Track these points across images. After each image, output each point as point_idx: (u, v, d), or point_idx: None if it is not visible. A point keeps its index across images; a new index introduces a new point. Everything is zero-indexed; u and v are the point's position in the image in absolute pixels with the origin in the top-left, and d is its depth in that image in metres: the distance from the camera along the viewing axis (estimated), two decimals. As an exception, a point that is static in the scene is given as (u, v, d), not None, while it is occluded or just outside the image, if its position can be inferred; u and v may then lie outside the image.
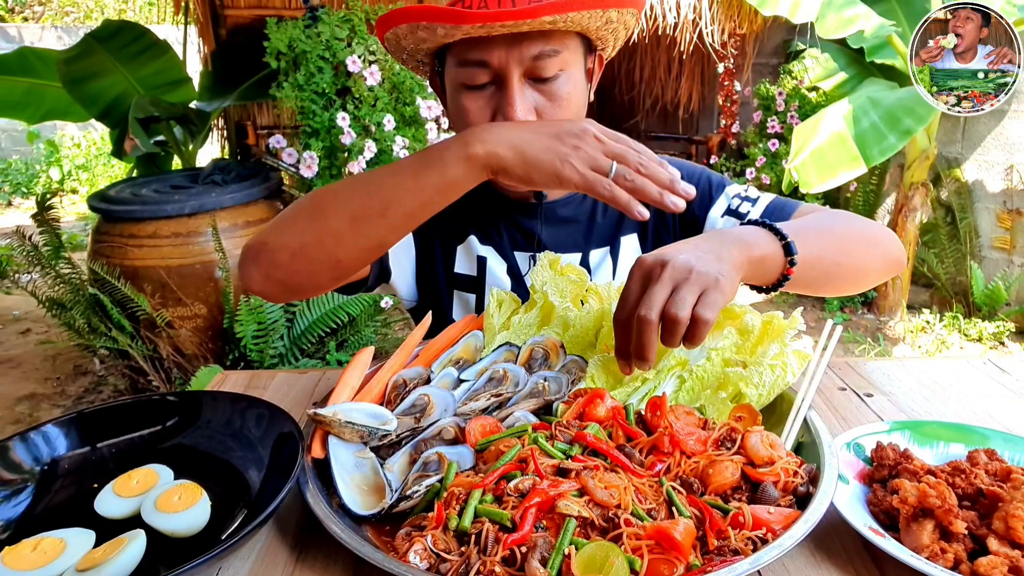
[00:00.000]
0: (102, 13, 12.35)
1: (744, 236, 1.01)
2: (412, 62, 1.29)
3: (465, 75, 1.17)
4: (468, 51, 1.15)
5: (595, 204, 1.43)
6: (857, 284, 1.27)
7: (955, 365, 1.30)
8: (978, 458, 0.89)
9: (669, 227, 1.44)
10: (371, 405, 0.98)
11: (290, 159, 3.98)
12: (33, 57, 4.69)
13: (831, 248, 1.16)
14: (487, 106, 1.19)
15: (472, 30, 1.08)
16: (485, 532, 0.74)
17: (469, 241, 1.43)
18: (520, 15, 1.06)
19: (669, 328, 0.87)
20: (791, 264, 1.03)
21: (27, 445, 0.98)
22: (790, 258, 1.03)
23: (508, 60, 1.14)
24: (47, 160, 9.89)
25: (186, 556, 0.74)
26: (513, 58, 1.14)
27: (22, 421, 4.07)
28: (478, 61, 1.15)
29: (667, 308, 0.87)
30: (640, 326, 0.88)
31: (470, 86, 1.18)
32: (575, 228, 1.41)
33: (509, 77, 1.15)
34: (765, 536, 0.77)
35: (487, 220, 1.43)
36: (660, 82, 7.16)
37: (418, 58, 1.26)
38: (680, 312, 0.86)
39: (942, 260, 5.37)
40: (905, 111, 4.14)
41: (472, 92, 1.19)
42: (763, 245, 1.01)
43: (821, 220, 1.20)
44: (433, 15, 1.08)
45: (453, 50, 1.18)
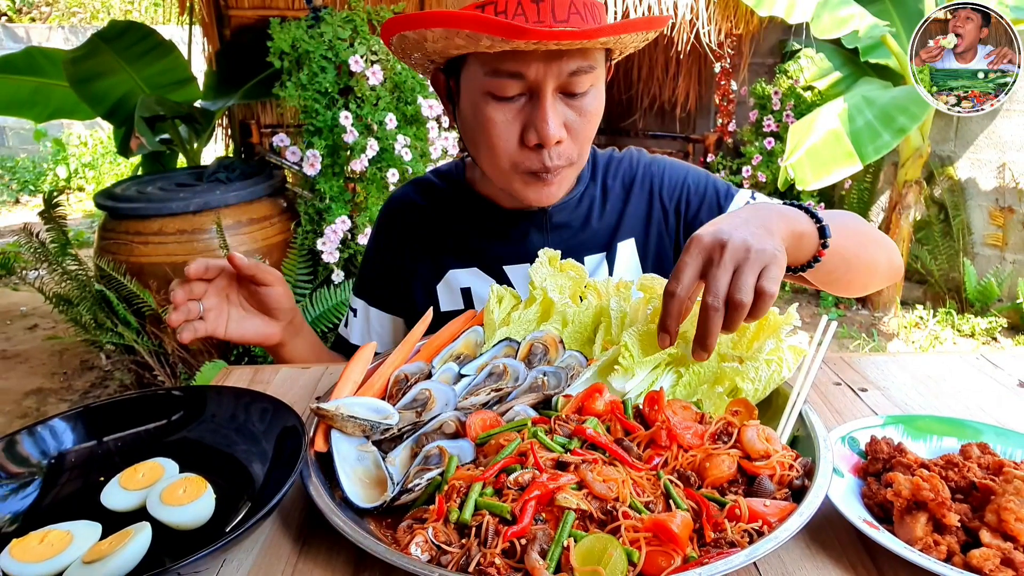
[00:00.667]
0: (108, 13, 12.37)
1: (786, 212, 1.01)
2: (424, 62, 1.23)
3: (496, 86, 1.12)
4: (503, 62, 1.10)
5: (590, 209, 1.40)
6: (865, 284, 1.27)
7: (948, 360, 1.31)
8: (971, 452, 0.90)
9: (671, 233, 1.42)
10: (373, 400, 0.99)
11: (293, 157, 3.99)
12: (40, 57, 4.72)
13: (852, 241, 1.17)
14: (515, 119, 1.15)
15: (524, 45, 1.04)
16: (485, 524, 0.75)
17: (448, 277, 1.40)
18: (583, 35, 1.02)
19: (734, 313, 0.87)
20: (824, 247, 1.04)
21: (34, 439, 0.99)
22: (823, 240, 1.04)
23: (546, 75, 1.10)
24: (54, 158, 9.92)
25: (191, 548, 0.74)
26: (552, 73, 1.10)
27: (29, 415, 4.09)
28: (513, 72, 1.10)
29: (732, 293, 0.87)
30: (707, 313, 0.88)
31: (499, 97, 1.14)
32: (569, 233, 1.39)
33: (544, 91, 1.11)
34: (761, 529, 0.77)
35: (468, 237, 1.40)
36: (658, 81, 7.16)
37: (432, 59, 1.21)
38: (746, 297, 0.86)
39: (935, 257, 5.38)
40: (899, 110, 4.15)
41: (501, 103, 1.14)
42: (802, 223, 1.02)
43: (838, 215, 1.20)
44: (482, 25, 1.03)
45: (481, 56, 1.13)
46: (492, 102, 1.15)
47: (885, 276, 1.31)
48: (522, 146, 1.17)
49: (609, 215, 1.41)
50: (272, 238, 4.10)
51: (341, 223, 3.89)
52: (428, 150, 4.10)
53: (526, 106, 1.14)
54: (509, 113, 1.15)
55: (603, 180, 1.43)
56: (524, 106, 1.15)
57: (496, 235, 1.39)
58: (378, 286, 1.52)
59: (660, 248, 1.42)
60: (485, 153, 1.22)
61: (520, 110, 1.15)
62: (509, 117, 1.15)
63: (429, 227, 1.45)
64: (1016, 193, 5.04)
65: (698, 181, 1.42)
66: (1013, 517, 0.76)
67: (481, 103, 1.16)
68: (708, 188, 1.41)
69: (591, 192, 1.42)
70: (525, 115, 1.15)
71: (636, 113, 7.49)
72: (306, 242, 4.01)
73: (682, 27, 5.57)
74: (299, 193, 4.26)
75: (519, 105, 1.15)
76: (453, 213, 1.44)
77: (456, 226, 1.42)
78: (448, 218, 1.44)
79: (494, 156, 1.20)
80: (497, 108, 1.15)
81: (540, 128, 1.12)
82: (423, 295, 1.42)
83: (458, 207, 1.43)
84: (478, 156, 1.27)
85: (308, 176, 3.95)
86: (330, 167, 3.96)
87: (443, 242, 1.42)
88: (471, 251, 1.39)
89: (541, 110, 1.12)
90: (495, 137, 1.16)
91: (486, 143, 1.19)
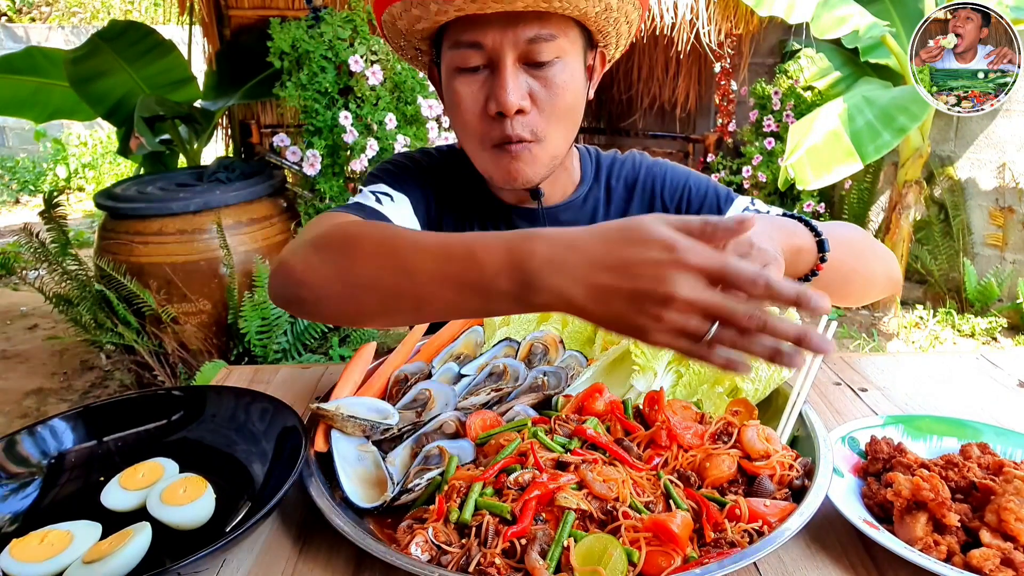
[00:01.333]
0: (108, 13, 12.36)
1: (785, 224, 1.01)
2: (410, 50, 1.26)
3: (458, 58, 1.14)
4: (462, 32, 1.12)
5: (595, 210, 1.40)
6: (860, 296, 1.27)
7: (948, 360, 1.31)
8: (971, 452, 0.90)
9: None
10: (373, 400, 0.99)
11: (293, 157, 3.99)
12: (40, 57, 4.71)
13: (850, 254, 1.16)
14: (480, 91, 1.15)
15: (464, 4, 1.05)
16: (485, 524, 0.75)
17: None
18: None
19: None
20: (822, 260, 1.04)
21: (34, 439, 0.99)
22: (822, 255, 1.03)
23: (502, 42, 1.11)
24: (54, 158, 9.92)
25: (191, 548, 0.75)
26: (507, 40, 1.11)
27: (29, 415, 4.09)
28: (471, 42, 1.12)
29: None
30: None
31: (463, 69, 1.15)
32: None
33: (502, 59, 1.12)
34: (761, 529, 0.77)
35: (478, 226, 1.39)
36: (657, 81, 7.15)
37: (414, 44, 1.23)
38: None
39: (935, 257, 5.38)
40: (899, 109, 4.16)
41: (465, 76, 1.16)
42: (801, 236, 1.02)
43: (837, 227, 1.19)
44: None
45: (448, 33, 1.16)
46: (458, 76, 1.16)
47: (882, 288, 1.30)
48: (486, 117, 1.17)
49: (612, 216, 1.41)
50: (272, 238, 4.10)
51: (341, 223, 3.88)
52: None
53: (489, 77, 1.15)
54: (474, 85, 1.16)
55: (607, 181, 1.44)
56: (487, 78, 1.16)
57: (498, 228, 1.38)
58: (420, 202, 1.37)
59: None
60: (460, 134, 1.23)
61: (484, 82, 1.16)
62: (474, 89, 1.16)
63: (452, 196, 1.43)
64: (1016, 193, 5.04)
65: (699, 184, 1.42)
66: (1013, 517, 0.76)
67: (450, 80, 1.18)
68: (709, 191, 1.41)
69: (595, 193, 1.42)
70: (487, 87, 1.15)
71: (636, 113, 7.49)
72: (306, 242, 4.00)
73: (682, 27, 5.57)
74: (299, 193, 4.26)
75: (483, 77, 1.16)
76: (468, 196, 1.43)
77: (469, 211, 1.42)
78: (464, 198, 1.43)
79: (466, 133, 1.21)
80: (463, 82, 1.16)
81: (498, 95, 1.12)
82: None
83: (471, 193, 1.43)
84: (460, 139, 1.27)
85: (308, 176, 3.95)
86: (330, 167, 3.96)
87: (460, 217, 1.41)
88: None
89: (499, 78, 1.13)
90: (463, 111, 1.18)
91: (459, 120, 1.20)
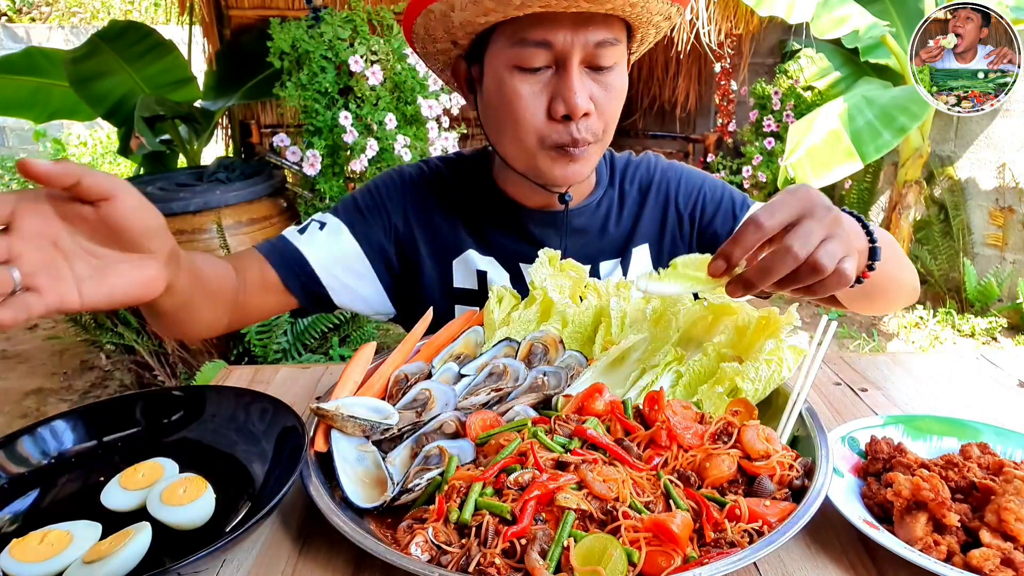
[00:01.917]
0: (108, 13, 12.36)
1: (851, 223, 0.97)
2: (446, 46, 1.21)
3: (522, 56, 1.11)
4: (529, 30, 1.09)
5: (608, 214, 1.39)
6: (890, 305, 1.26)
7: (948, 360, 1.31)
8: (971, 452, 0.90)
9: (685, 240, 1.40)
10: (373, 400, 0.99)
11: (293, 157, 3.99)
12: (40, 57, 4.72)
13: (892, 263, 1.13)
14: (542, 92, 1.14)
15: (553, 2, 1.03)
16: (485, 524, 0.75)
17: (467, 256, 1.37)
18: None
19: (808, 273, 0.83)
20: (870, 268, 1.01)
21: (34, 439, 0.99)
22: (870, 263, 1.01)
23: (573, 43, 1.09)
24: (54, 158, 9.91)
25: (191, 548, 0.75)
26: (578, 41, 1.09)
27: (29, 415, 4.09)
28: (540, 41, 1.09)
29: (817, 253, 0.82)
30: (783, 255, 0.82)
31: (525, 68, 1.12)
32: (587, 239, 1.37)
33: (570, 61, 1.10)
34: (761, 528, 0.77)
35: (489, 230, 1.38)
36: (658, 81, 7.17)
37: (456, 37, 1.18)
38: (829, 264, 0.82)
39: (935, 257, 5.38)
40: (900, 109, 4.16)
41: (526, 76, 1.13)
42: (861, 240, 0.99)
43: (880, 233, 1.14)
44: None
45: (507, 30, 1.12)
46: (518, 75, 1.13)
47: (907, 299, 1.29)
48: (549, 119, 1.15)
49: (625, 221, 1.40)
50: (272, 238, 4.10)
51: (341, 223, 3.88)
52: (428, 150, 4.10)
53: (552, 78, 1.14)
54: (536, 85, 1.14)
55: (621, 184, 1.43)
56: (551, 79, 1.14)
57: (516, 233, 1.37)
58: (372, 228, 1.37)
59: (674, 254, 1.35)
60: (511, 131, 1.19)
61: (547, 83, 1.14)
62: (536, 89, 1.14)
63: (455, 205, 1.42)
64: (1016, 193, 5.04)
65: (714, 189, 1.41)
66: (1013, 517, 0.76)
67: (507, 77, 1.14)
68: (724, 197, 1.40)
69: (610, 196, 1.41)
70: (552, 87, 1.14)
71: (636, 113, 7.49)
72: (306, 242, 4.00)
73: (682, 27, 5.58)
74: (299, 193, 4.26)
75: (545, 78, 1.14)
76: (474, 202, 1.41)
77: (479, 216, 1.40)
78: (472, 203, 1.41)
79: (520, 132, 1.17)
80: (524, 80, 1.13)
81: (568, 99, 1.11)
82: (434, 265, 1.38)
83: (480, 198, 1.41)
84: (502, 139, 1.24)
85: (308, 176, 3.95)
86: (330, 167, 3.96)
87: (465, 224, 1.40)
88: (490, 243, 1.37)
89: (568, 80, 1.11)
90: (522, 110, 1.15)
91: (512, 118, 1.17)
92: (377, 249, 1.36)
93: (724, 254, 0.86)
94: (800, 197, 0.85)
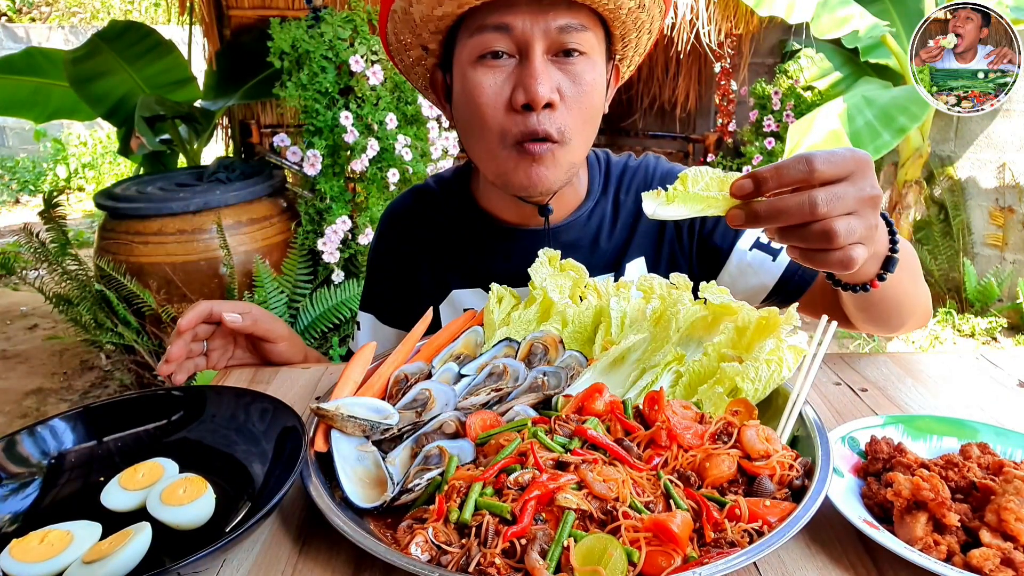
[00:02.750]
0: (108, 13, 12.38)
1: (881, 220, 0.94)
2: (415, 50, 1.19)
3: (482, 42, 1.08)
4: (487, 16, 1.07)
5: (599, 228, 1.34)
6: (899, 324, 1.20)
7: (948, 360, 1.31)
8: (971, 452, 0.90)
9: (685, 250, 1.36)
10: (373, 400, 0.99)
11: (294, 157, 4.00)
12: (40, 57, 4.73)
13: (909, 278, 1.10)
14: (505, 82, 1.09)
15: None
16: (485, 524, 0.75)
17: (451, 298, 1.36)
18: None
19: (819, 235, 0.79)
20: (880, 278, 0.99)
21: (34, 439, 0.99)
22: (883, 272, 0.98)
23: (533, 27, 1.06)
24: (54, 158, 9.93)
25: (191, 548, 0.74)
26: (538, 25, 1.06)
27: (29, 415, 4.10)
28: (498, 24, 1.06)
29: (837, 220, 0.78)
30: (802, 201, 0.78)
31: (486, 56, 1.09)
32: (578, 254, 1.30)
33: (532, 47, 1.07)
34: (761, 528, 0.77)
35: (472, 257, 1.35)
36: (658, 81, 7.17)
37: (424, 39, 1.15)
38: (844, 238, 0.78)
39: (935, 257, 5.39)
40: (899, 109, 4.17)
41: (487, 66, 1.09)
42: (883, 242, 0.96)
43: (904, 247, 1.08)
44: None
45: (470, 21, 1.09)
46: (480, 67, 1.10)
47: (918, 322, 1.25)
48: (510, 111, 1.11)
49: (619, 233, 1.35)
50: (272, 238, 4.11)
51: (342, 223, 3.89)
52: (428, 150, 4.10)
53: (516, 68, 1.10)
54: (499, 76, 1.10)
55: (615, 194, 1.37)
56: (514, 69, 1.10)
57: (499, 253, 1.34)
58: (384, 300, 1.49)
59: (673, 267, 1.36)
60: (476, 130, 1.15)
61: (510, 73, 1.10)
62: (499, 80, 1.10)
63: (431, 240, 1.41)
64: (1016, 193, 5.04)
65: None
66: (1013, 517, 0.76)
67: (470, 72, 1.11)
68: None
69: (601, 208, 1.36)
70: (515, 77, 1.09)
71: (636, 113, 7.50)
72: (306, 242, 4.02)
73: (682, 27, 5.58)
74: (299, 193, 4.26)
75: (509, 69, 1.10)
76: (455, 227, 1.39)
77: (459, 242, 1.37)
78: (450, 232, 1.39)
79: (482, 130, 1.13)
80: (486, 72, 1.10)
81: (528, 85, 1.06)
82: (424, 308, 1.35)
83: (460, 221, 1.38)
84: (471, 144, 1.20)
85: (308, 176, 3.96)
86: (330, 167, 3.96)
87: (446, 258, 1.38)
88: (474, 270, 1.34)
89: (530, 66, 1.07)
90: (483, 103, 1.11)
91: (476, 114, 1.13)
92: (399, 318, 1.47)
93: (758, 178, 0.80)
94: (858, 160, 0.81)
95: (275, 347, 1.33)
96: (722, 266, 1.33)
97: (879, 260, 0.99)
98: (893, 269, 0.98)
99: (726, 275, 1.33)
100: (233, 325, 1.27)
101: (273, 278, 3.84)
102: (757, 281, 1.30)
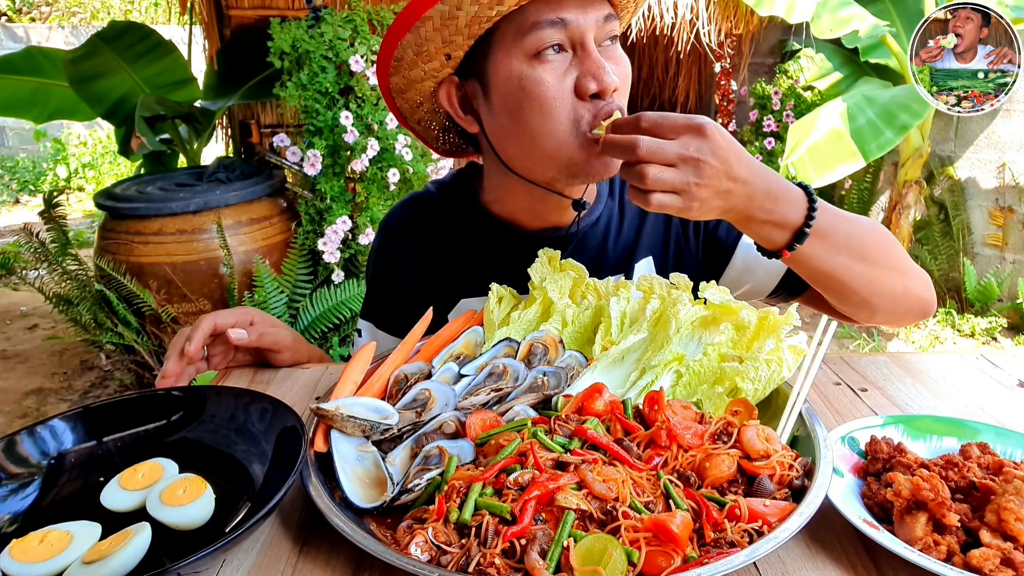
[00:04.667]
0: (108, 13, 12.38)
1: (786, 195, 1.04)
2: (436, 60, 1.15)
3: (538, 39, 1.09)
4: (538, 12, 1.08)
5: (607, 231, 1.35)
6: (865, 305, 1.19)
7: (948, 360, 1.31)
8: (971, 452, 0.90)
9: (691, 248, 1.36)
10: (373, 400, 0.99)
11: (294, 157, 4.00)
12: (40, 57, 4.73)
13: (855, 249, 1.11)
14: (565, 75, 1.11)
15: None
16: (485, 525, 0.75)
17: (460, 307, 1.35)
18: None
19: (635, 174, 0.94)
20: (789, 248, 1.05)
21: (34, 439, 0.99)
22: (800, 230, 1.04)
23: (584, 19, 1.09)
24: (54, 158, 9.93)
25: (191, 548, 0.75)
26: (589, 16, 1.10)
27: (29, 415, 4.10)
28: (553, 20, 1.08)
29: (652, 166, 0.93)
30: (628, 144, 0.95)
31: (543, 51, 1.09)
32: (592, 257, 1.31)
33: (587, 38, 1.10)
34: (761, 528, 0.77)
35: (481, 268, 1.32)
36: (658, 81, 7.18)
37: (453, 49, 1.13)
38: (653, 182, 0.93)
39: (935, 257, 5.39)
40: (901, 107, 4.17)
41: (546, 62, 1.10)
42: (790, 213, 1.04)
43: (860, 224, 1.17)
44: None
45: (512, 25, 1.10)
46: (538, 64, 1.10)
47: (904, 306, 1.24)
48: (576, 101, 1.12)
49: (626, 234, 1.36)
50: (272, 238, 4.11)
51: (342, 223, 3.89)
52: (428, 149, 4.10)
53: (573, 60, 1.12)
54: (559, 70, 1.11)
55: (620, 195, 1.38)
56: (571, 61, 1.12)
57: (515, 260, 1.29)
58: (384, 307, 1.46)
59: (680, 264, 1.36)
60: (539, 126, 1.13)
61: (567, 68, 1.12)
62: (559, 74, 1.11)
63: (434, 248, 1.39)
64: (1016, 193, 5.04)
65: None
66: (1013, 517, 0.76)
67: (526, 70, 1.11)
68: None
69: (609, 209, 1.36)
70: (575, 68, 1.12)
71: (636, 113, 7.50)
72: (307, 242, 4.02)
73: (682, 27, 5.58)
74: (299, 193, 4.26)
75: (564, 63, 1.12)
76: (462, 233, 1.37)
77: (467, 250, 1.36)
78: (457, 239, 1.37)
79: (553, 121, 1.12)
80: (545, 68, 1.10)
81: (598, 74, 1.10)
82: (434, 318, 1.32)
83: (468, 228, 1.37)
84: (521, 148, 1.18)
85: (308, 176, 3.96)
86: (331, 167, 3.96)
87: (452, 266, 1.37)
88: (488, 278, 1.27)
89: (591, 56, 1.10)
90: (550, 98, 1.11)
91: (540, 110, 1.12)
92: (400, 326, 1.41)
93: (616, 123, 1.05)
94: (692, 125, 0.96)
95: (279, 356, 1.33)
96: (728, 261, 1.34)
97: (786, 230, 1.05)
98: (803, 242, 1.04)
99: (732, 270, 1.34)
100: (239, 342, 1.27)
101: (273, 278, 3.84)
102: (763, 275, 1.32)
